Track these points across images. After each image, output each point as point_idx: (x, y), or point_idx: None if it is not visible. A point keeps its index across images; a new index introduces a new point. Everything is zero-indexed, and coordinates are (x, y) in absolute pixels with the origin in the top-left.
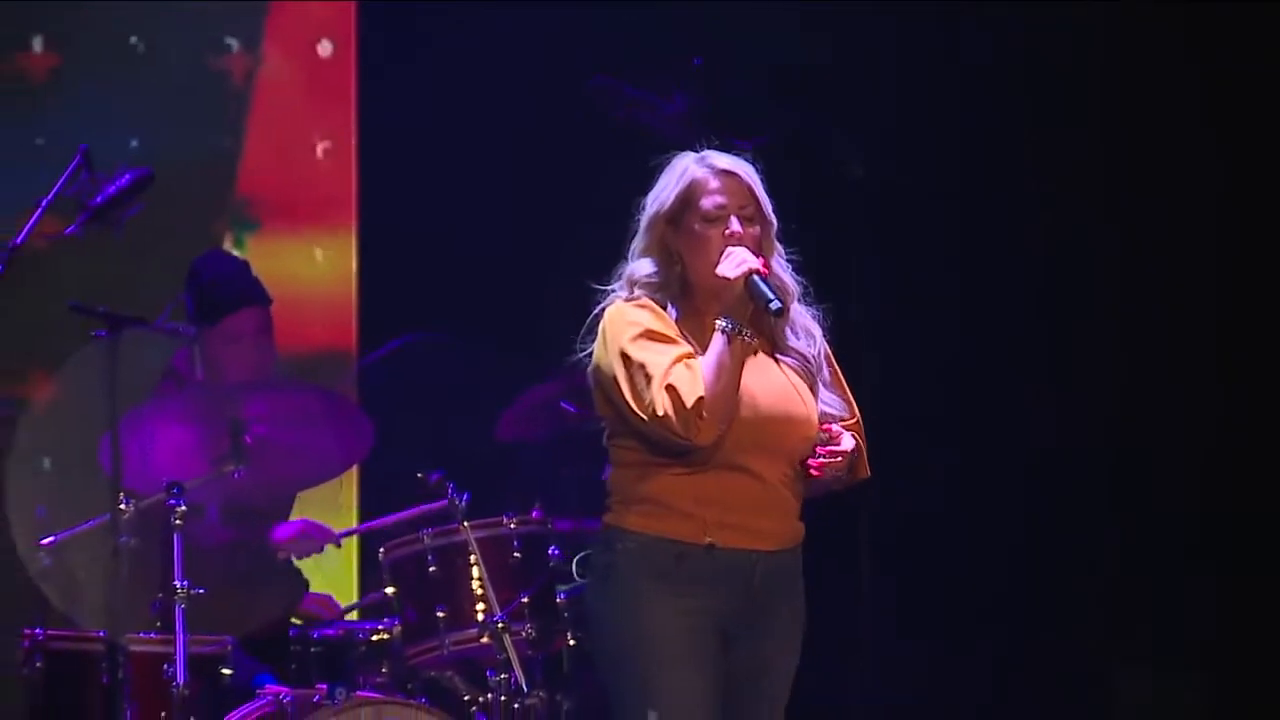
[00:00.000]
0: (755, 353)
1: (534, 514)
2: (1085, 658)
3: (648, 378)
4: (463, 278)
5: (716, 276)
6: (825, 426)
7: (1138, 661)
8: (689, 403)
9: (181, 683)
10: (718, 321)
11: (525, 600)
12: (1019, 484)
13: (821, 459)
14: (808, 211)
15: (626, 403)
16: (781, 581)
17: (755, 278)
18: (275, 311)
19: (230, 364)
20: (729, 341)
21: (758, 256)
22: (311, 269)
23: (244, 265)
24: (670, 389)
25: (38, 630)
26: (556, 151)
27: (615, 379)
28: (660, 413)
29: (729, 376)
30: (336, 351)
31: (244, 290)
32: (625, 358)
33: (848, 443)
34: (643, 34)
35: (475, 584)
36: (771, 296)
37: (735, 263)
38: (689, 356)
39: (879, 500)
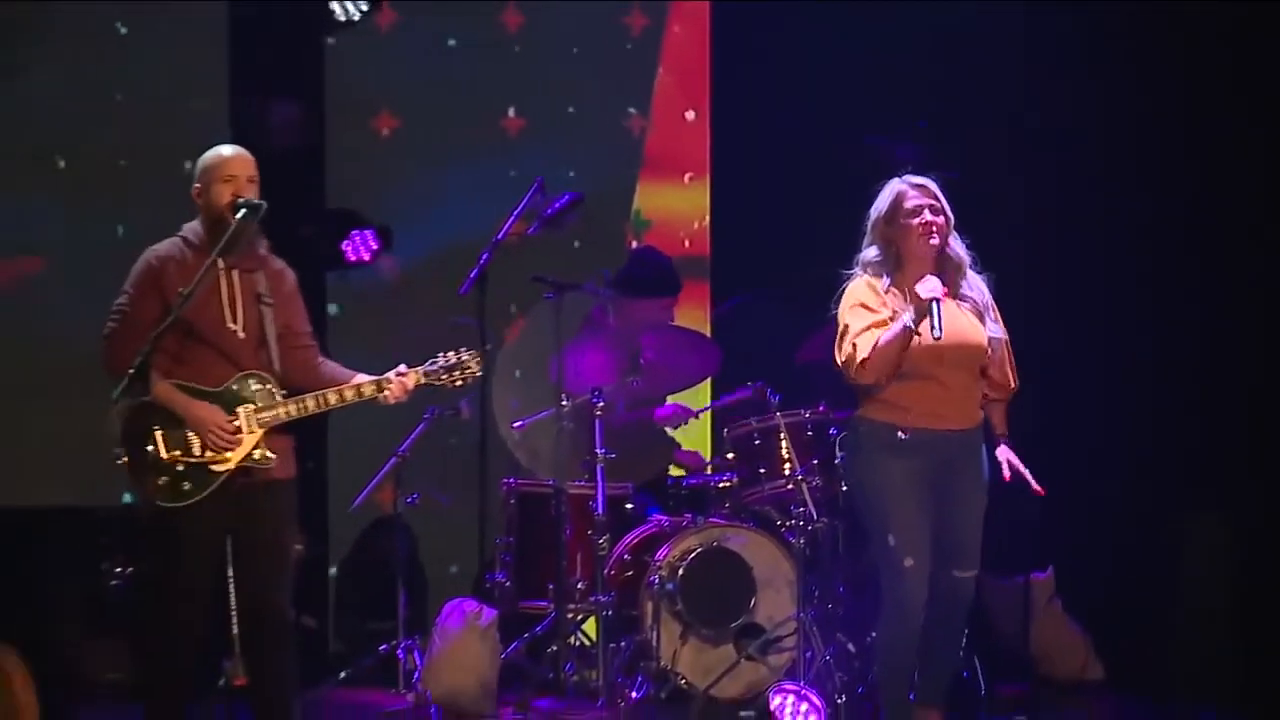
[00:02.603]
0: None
1: (820, 407)
2: (1165, 507)
3: (845, 337)
4: (777, 255)
5: (920, 247)
6: (989, 375)
7: (1207, 510)
8: (857, 360)
9: (600, 513)
10: (904, 316)
11: (815, 462)
12: (1129, 374)
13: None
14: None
15: (836, 346)
16: (966, 451)
17: (934, 304)
18: None
19: (644, 319)
20: (903, 330)
21: (945, 240)
22: (681, 252)
23: (669, 262)
24: (853, 345)
25: (512, 480)
26: (838, 185)
27: (838, 331)
28: (842, 360)
29: (892, 350)
30: (696, 304)
31: (669, 281)
32: (842, 322)
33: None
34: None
35: (784, 451)
36: (937, 326)
37: (928, 288)
38: (879, 325)
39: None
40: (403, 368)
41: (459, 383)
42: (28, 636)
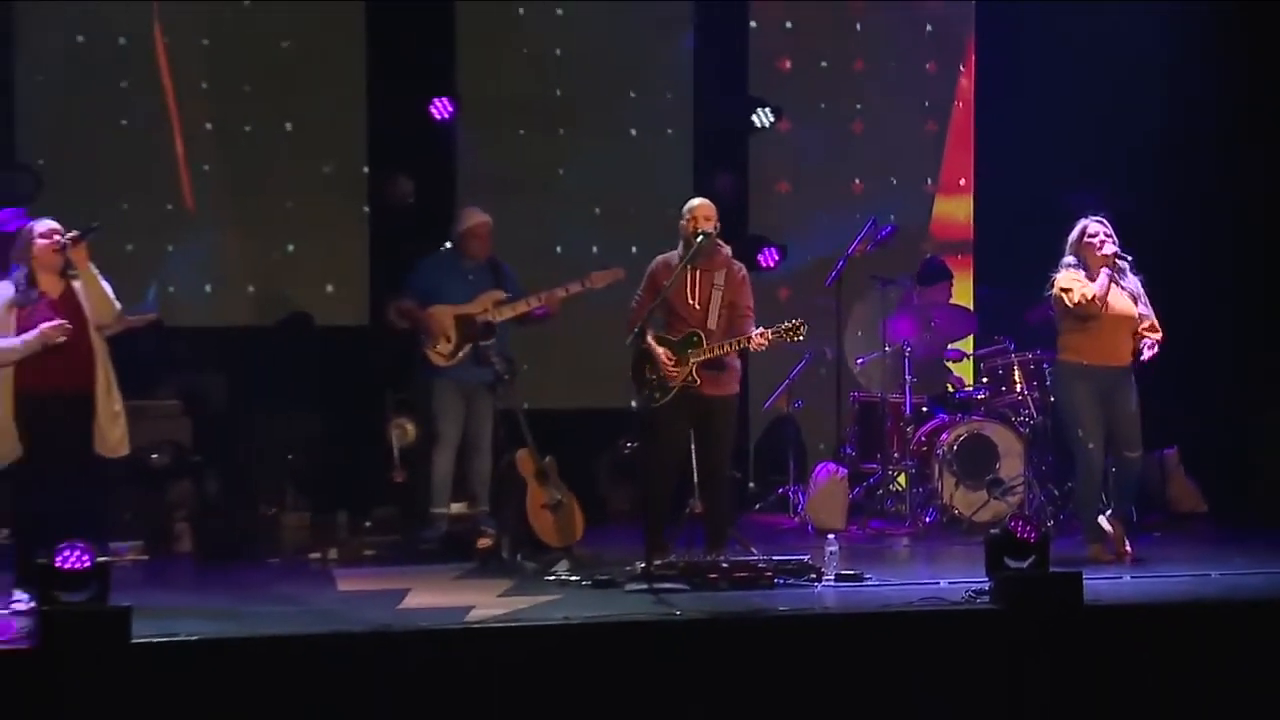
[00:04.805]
0: (1112, 285)
1: (1038, 351)
2: (1244, 403)
3: (1070, 291)
4: (1013, 258)
5: (1097, 256)
6: (1141, 329)
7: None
8: (1075, 299)
9: (908, 413)
10: (1099, 282)
11: (1034, 383)
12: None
13: (1145, 350)
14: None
15: (1061, 299)
16: (1124, 378)
17: (1109, 280)
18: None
19: (933, 299)
20: (1103, 281)
21: (1113, 252)
22: (955, 262)
23: (945, 265)
24: (1076, 292)
25: (856, 394)
26: (1049, 213)
27: (1057, 294)
28: (1075, 300)
29: (1087, 303)
30: (963, 285)
31: (944, 275)
32: (1064, 283)
33: (1151, 350)
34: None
35: (1016, 376)
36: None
37: (1101, 282)
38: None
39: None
40: (762, 328)
41: (794, 340)
42: (578, 483)
